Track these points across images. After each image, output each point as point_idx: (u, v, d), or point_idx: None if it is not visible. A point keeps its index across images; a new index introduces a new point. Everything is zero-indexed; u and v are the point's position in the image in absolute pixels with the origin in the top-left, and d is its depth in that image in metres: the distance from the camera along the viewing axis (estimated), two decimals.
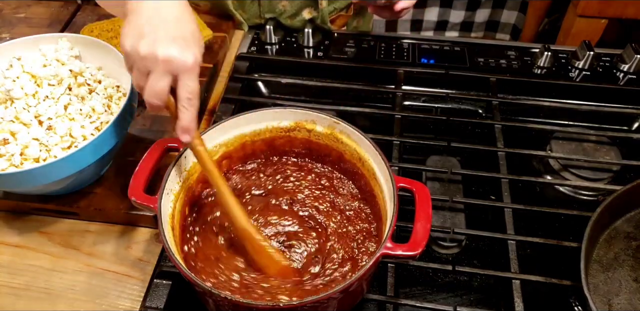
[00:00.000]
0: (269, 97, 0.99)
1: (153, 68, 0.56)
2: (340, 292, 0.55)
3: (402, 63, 0.98)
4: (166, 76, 0.56)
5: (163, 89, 0.57)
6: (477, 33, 2.16)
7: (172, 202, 0.65)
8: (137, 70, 0.57)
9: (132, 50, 0.56)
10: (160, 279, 0.70)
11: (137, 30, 0.56)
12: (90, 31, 0.98)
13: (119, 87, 0.78)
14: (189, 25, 0.59)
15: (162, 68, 0.56)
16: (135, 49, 0.56)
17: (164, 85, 0.57)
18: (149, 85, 0.57)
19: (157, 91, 0.57)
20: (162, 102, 0.58)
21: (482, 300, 0.72)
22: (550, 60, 0.97)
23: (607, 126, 0.92)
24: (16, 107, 0.72)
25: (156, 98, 0.57)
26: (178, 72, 0.56)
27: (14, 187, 0.71)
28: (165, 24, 0.57)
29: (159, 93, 0.57)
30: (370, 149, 0.67)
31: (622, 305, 0.69)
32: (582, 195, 0.84)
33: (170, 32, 0.56)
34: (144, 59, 0.56)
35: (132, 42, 0.56)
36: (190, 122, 0.60)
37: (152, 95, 0.57)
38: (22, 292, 0.70)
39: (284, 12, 1.02)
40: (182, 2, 0.59)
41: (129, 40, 0.56)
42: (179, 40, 0.56)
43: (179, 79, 0.57)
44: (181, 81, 0.57)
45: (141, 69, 0.57)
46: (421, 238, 0.58)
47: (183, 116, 0.59)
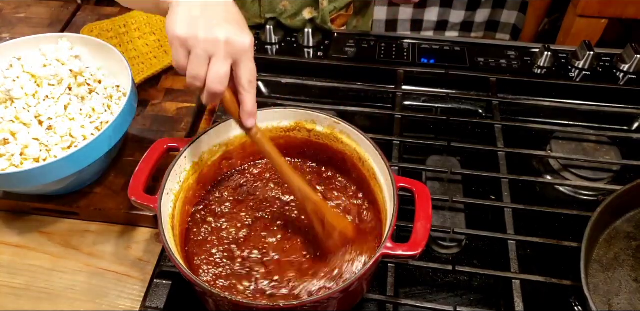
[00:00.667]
0: (269, 97, 0.99)
1: (215, 51, 0.55)
2: (340, 292, 0.55)
3: (402, 63, 0.98)
4: (228, 59, 0.55)
5: (227, 73, 0.56)
6: (477, 33, 2.16)
7: (172, 202, 0.65)
8: (196, 56, 0.55)
9: (189, 36, 0.54)
10: (160, 279, 0.70)
11: (191, 16, 0.55)
12: (90, 31, 0.98)
13: (119, 87, 0.78)
14: (236, 9, 0.59)
15: (224, 51, 0.55)
16: (194, 34, 0.54)
17: (227, 69, 0.56)
18: (213, 70, 0.55)
19: (221, 75, 0.55)
20: (224, 87, 0.56)
21: (482, 300, 0.72)
22: (550, 60, 0.97)
23: (607, 126, 0.92)
24: (16, 107, 0.72)
25: (220, 83, 0.56)
26: (239, 54, 0.56)
27: (14, 187, 0.71)
28: (217, 9, 0.56)
29: (223, 77, 0.56)
30: (370, 149, 0.67)
31: (622, 305, 0.69)
32: (582, 195, 0.84)
33: (224, 16, 0.56)
34: (204, 42, 0.54)
35: (187, 28, 0.54)
36: (255, 105, 0.60)
37: (217, 80, 0.56)
38: (22, 292, 0.70)
39: (285, 12, 1.02)
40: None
41: (183, 26, 0.55)
42: (234, 23, 0.56)
43: (240, 62, 0.57)
44: (242, 63, 0.57)
45: (201, 54, 0.55)
46: (421, 238, 0.58)
47: (247, 100, 0.59)
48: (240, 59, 0.57)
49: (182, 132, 0.86)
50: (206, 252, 0.66)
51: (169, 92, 0.92)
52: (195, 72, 0.56)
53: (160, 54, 0.95)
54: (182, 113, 0.88)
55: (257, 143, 0.63)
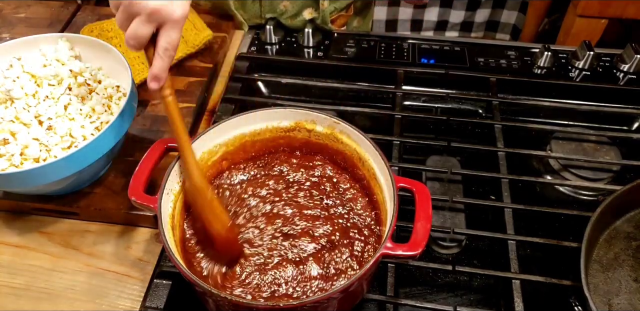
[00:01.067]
0: (269, 97, 0.99)
1: (138, 13, 0.58)
2: (340, 292, 0.55)
3: (402, 63, 0.98)
4: (150, 24, 0.58)
5: (144, 36, 0.59)
6: (477, 33, 2.16)
7: (172, 202, 0.65)
8: (123, 12, 0.59)
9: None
10: (160, 279, 0.70)
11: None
12: (90, 31, 0.98)
13: (119, 87, 0.78)
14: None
15: (148, 16, 0.58)
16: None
17: (146, 32, 0.59)
18: (131, 28, 0.59)
19: (138, 35, 0.59)
20: (140, 46, 0.60)
21: (482, 300, 0.72)
22: (550, 60, 0.97)
23: (607, 126, 0.92)
24: (16, 107, 0.72)
25: (135, 41, 0.60)
26: (164, 21, 0.59)
27: (14, 187, 0.71)
28: None
29: (140, 38, 0.59)
30: (370, 149, 0.67)
31: (622, 305, 0.69)
32: (582, 195, 0.84)
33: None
34: (133, 5, 0.57)
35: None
36: (162, 71, 0.61)
37: (132, 38, 0.59)
38: (22, 292, 0.70)
39: (285, 12, 1.02)
40: None
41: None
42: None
43: (163, 29, 0.59)
44: (164, 31, 0.60)
45: (127, 12, 0.58)
46: (421, 238, 0.58)
47: (156, 64, 0.61)
48: (164, 26, 0.59)
49: None
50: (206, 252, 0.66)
51: None
52: (120, 23, 0.60)
53: None
54: (182, 113, 0.88)
55: (164, 105, 0.64)
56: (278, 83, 0.97)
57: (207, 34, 0.97)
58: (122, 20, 0.60)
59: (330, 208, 0.71)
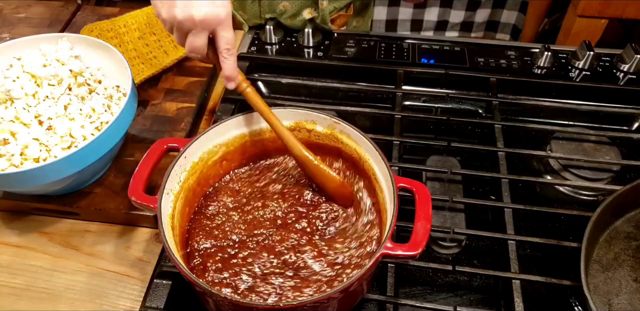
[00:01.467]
0: (269, 97, 0.99)
1: (191, 29, 0.62)
2: (340, 292, 0.55)
3: (402, 63, 0.98)
4: (203, 32, 0.63)
5: (201, 44, 0.64)
6: (477, 33, 2.16)
7: (172, 202, 0.65)
8: (177, 31, 0.64)
9: (169, 18, 0.62)
10: (160, 279, 0.69)
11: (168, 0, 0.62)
12: (90, 31, 0.98)
13: (119, 87, 0.78)
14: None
15: (200, 27, 0.62)
16: (172, 16, 0.62)
17: (202, 41, 0.64)
18: (189, 43, 0.64)
19: (197, 47, 0.64)
20: (202, 56, 0.66)
21: (482, 300, 0.72)
22: (550, 60, 0.97)
23: (607, 126, 0.92)
24: (16, 107, 0.72)
25: (196, 52, 0.65)
26: (215, 26, 0.63)
27: (14, 187, 0.71)
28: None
29: (199, 49, 0.65)
30: (370, 149, 0.67)
31: (622, 305, 0.69)
32: (582, 195, 0.84)
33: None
34: (182, 23, 0.62)
35: (166, 10, 0.62)
36: (233, 70, 0.67)
37: (192, 51, 0.65)
38: (22, 292, 0.70)
39: (285, 13, 1.02)
40: None
41: (163, 9, 0.62)
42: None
43: (216, 33, 0.64)
44: (218, 34, 0.64)
45: (180, 31, 0.63)
46: (421, 238, 0.58)
47: (225, 66, 0.66)
48: (217, 30, 0.63)
49: (182, 132, 0.86)
50: (206, 252, 0.66)
51: (169, 92, 0.92)
52: (179, 42, 0.65)
53: (160, 54, 0.95)
54: (182, 113, 0.88)
55: (247, 98, 0.69)
56: (278, 83, 0.97)
57: None
58: (179, 38, 0.65)
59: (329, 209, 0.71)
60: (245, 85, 0.68)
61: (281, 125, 0.69)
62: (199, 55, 0.66)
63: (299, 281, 0.63)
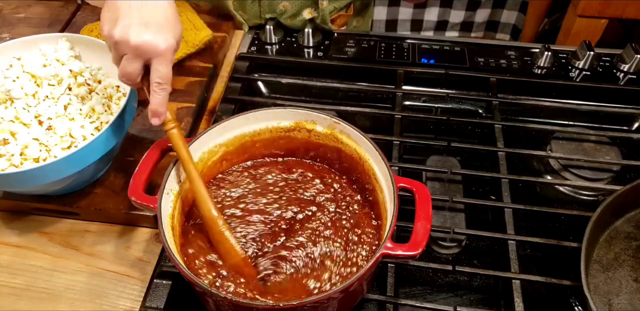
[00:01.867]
0: (269, 97, 0.99)
1: (124, 52, 0.59)
2: (340, 292, 0.55)
3: (402, 63, 0.98)
4: (137, 59, 0.60)
5: (134, 72, 0.60)
6: (477, 33, 2.16)
7: (172, 202, 0.65)
8: (114, 51, 0.61)
9: (108, 35, 0.60)
10: (160, 279, 0.69)
11: (113, 16, 0.59)
12: (90, 31, 0.98)
13: (119, 87, 0.78)
14: (164, 10, 0.60)
15: (133, 52, 0.59)
16: (111, 34, 0.59)
17: (134, 68, 0.60)
18: (121, 66, 0.61)
19: (128, 72, 0.61)
20: (132, 82, 0.62)
21: (482, 300, 0.72)
22: (550, 60, 0.97)
23: (607, 126, 0.92)
24: (16, 107, 0.72)
25: (127, 79, 0.62)
26: (150, 56, 0.59)
27: (14, 187, 0.71)
28: (140, 9, 0.59)
29: (130, 74, 0.61)
30: (370, 149, 0.67)
31: (622, 305, 0.69)
32: (582, 195, 0.84)
33: (144, 17, 0.58)
34: (117, 44, 0.59)
35: (108, 27, 0.59)
36: (159, 106, 0.62)
37: (123, 75, 0.61)
38: (22, 292, 0.70)
39: (285, 13, 1.02)
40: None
41: (106, 25, 0.60)
42: (152, 25, 0.59)
43: (151, 63, 0.60)
44: (152, 66, 0.60)
45: (116, 51, 0.60)
46: (421, 238, 0.58)
47: (153, 99, 0.62)
48: (152, 61, 0.60)
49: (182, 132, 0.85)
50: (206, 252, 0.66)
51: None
52: (116, 63, 0.62)
53: None
54: (182, 113, 0.88)
55: (170, 139, 0.65)
56: (278, 83, 0.97)
57: (207, 33, 0.97)
58: (115, 59, 0.62)
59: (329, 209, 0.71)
60: (171, 125, 0.64)
61: (198, 178, 0.64)
62: (129, 82, 0.62)
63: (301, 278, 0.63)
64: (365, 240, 0.67)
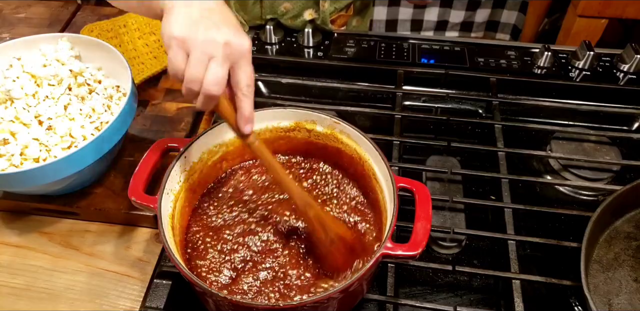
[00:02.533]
0: (269, 97, 0.99)
1: (214, 53, 0.54)
2: (340, 292, 0.55)
3: (402, 63, 0.98)
4: (227, 62, 0.55)
5: (225, 76, 0.55)
6: (477, 33, 2.16)
7: (172, 202, 0.65)
8: (196, 58, 0.54)
9: (188, 36, 0.53)
10: (160, 279, 0.70)
11: (189, 19, 0.54)
12: (90, 31, 0.98)
13: (119, 87, 0.78)
14: (231, 13, 0.59)
15: (223, 53, 0.54)
16: (194, 34, 0.53)
17: (225, 72, 0.55)
18: (211, 71, 0.54)
19: (220, 77, 0.54)
20: (222, 91, 0.55)
21: (482, 300, 0.72)
22: (550, 60, 0.97)
23: (607, 126, 0.92)
24: (16, 107, 0.72)
25: (218, 85, 0.54)
26: (238, 57, 0.55)
27: (14, 187, 0.71)
28: (214, 12, 0.56)
29: (221, 80, 0.54)
30: (370, 149, 0.67)
31: (622, 305, 0.69)
32: (582, 195, 0.84)
33: (222, 19, 0.56)
34: (204, 43, 0.53)
35: (187, 28, 0.54)
36: (252, 111, 0.58)
37: (214, 82, 0.54)
38: (22, 292, 0.70)
39: (286, 14, 1.02)
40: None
41: (182, 27, 0.54)
42: (231, 26, 0.56)
43: (238, 65, 0.56)
44: (240, 67, 0.56)
45: (200, 55, 0.53)
46: (421, 238, 0.58)
47: (245, 105, 0.57)
48: (239, 62, 0.56)
49: (182, 132, 0.86)
50: (206, 252, 0.66)
51: (169, 92, 0.92)
52: (194, 74, 0.54)
53: (160, 54, 0.95)
54: (182, 113, 0.88)
55: (255, 151, 0.62)
56: (278, 83, 0.97)
57: None
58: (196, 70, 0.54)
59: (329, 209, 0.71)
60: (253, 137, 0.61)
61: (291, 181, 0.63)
62: (219, 91, 0.54)
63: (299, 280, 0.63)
64: (365, 240, 0.67)
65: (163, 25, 0.56)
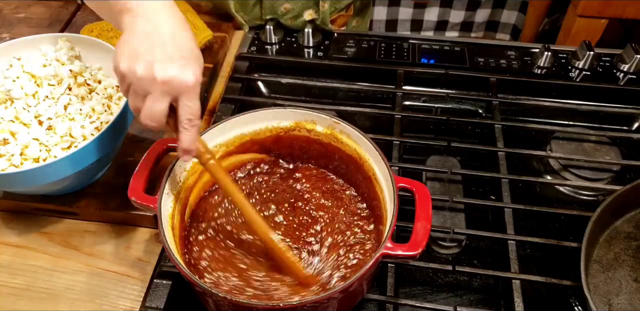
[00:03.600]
0: (269, 97, 0.99)
1: (151, 90, 0.54)
2: (340, 292, 0.55)
3: (402, 63, 0.98)
4: (165, 98, 0.54)
5: (161, 111, 0.55)
6: (477, 33, 2.16)
7: (172, 202, 0.65)
8: (134, 92, 0.55)
9: (128, 72, 0.54)
10: (160, 279, 0.70)
11: (133, 50, 0.54)
12: (90, 31, 0.98)
13: (118, 87, 0.78)
14: (187, 42, 0.56)
15: (160, 90, 0.53)
16: (132, 71, 0.53)
17: (162, 108, 0.55)
18: (146, 107, 0.55)
19: (154, 113, 0.55)
20: (159, 124, 0.56)
21: (482, 300, 0.72)
22: (550, 60, 0.97)
23: (607, 126, 0.92)
24: (16, 107, 0.72)
25: (153, 120, 0.55)
26: (178, 92, 0.54)
27: (14, 187, 0.71)
28: (163, 43, 0.54)
29: (157, 115, 0.55)
30: (370, 149, 0.67)
31: (622, 305, 0.69)
32: (582, 195, 0.84)
33: (168, 52, 0.54)
34: (140, 81, 0.53)
35: (128, 63, 0.54)
36: (191, 143, 0.58)
37: (148, 117, 0.55)
38: (22, 292, 0.70)
39: (286, 14, 1.02)
40: (179, 18, 0.56)
41: (125, 61, 0.54)
42: (178, 59, 0.54)
43: (179, 100, 0.55)
44: (181, 102, 0.55)
45: (138, 91, 0.54)
46: (421, 238, 0.58)
47: (184, 137, 0.57)
48: (180, 97, 0.55)
49: None
50: (206, 252, 0.66)
51: None
52: (134, 105, 0.56)
53: None
54: None
55: (209, 171, 0.62)
56: (278, 83, 0.97)
57: (207, 34, 0.97)
58: (134, 101, 0.55)
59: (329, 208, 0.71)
60: (207, 157, 0.60)
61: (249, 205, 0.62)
62: (155, 123, 0.55)
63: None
64: (365, 241, 0.67)
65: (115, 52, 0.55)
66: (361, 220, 0.70)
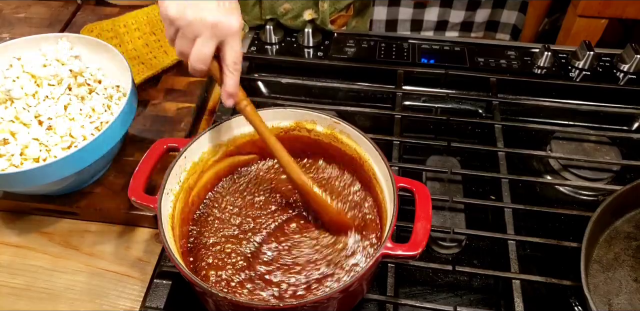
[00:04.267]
0: (269, 97, 0.99)
1: (200, 33, 0.58)
2: (340, 292, 0.55)
3: (402, 63, 0.98)
4: (213, 40, 0.58)
5: (209, 53, 0.59)
6: (477, 33, 2.16)
7: (172, 202, 0.65)
8: (183, 36, 0.59)
9: (178, 16, 0.57)
10: (160, 279, 0.70)
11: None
12: (90, 31, 0.98)
13: (119, 87, 0.78)
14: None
15: (209, 32, 0.58)
16: (183, 15, 0.57)
17: (210, 50, 0.59)
18: (196, 49, 0.59)
19: (204, 55, 0.59)
20: (206, 66, 0.60)
21: (482, 300, 0.72)
22: (550, 60, 0.97)
23: (607, 126, 0.92)
24: (16, 107, 0.72)
25: (202, 62, 0.60)
26: (225, 36, 0.59)
27: (14, 187, 0.71)
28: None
29: (206, 57, 0.59)
30: (370, 149, 0.67)
31: (622, 305, 0.69)
32: (582, 195, 0.84)
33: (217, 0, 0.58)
34: (191, 24, 0.57)
35: (177, 8, 0.57)
36: (235, 87, 0.62)
37: (198, 59, 0.59)
38: (22, 292, 0.70)
39: (285, 14, 1.02)
40: None
41: (174, 6, 0.58)
42: (223, 5, 0.58)
43: (225, 43, 0.59)
44: (227, 45, 0.60)
45: (188, 34, 0.58)
46: (421, 238, 0.58)
47: (228, 81, 0.62)
48: (226, 41, 0.59)
49: (182, 132, 0.86)
50: (206, 252, 0.66)
51: (169, 92, 0.92)
52: (181, 49, 0.60)
53: (160, 54, 0.95)
54: (182, 113, 0.88)
55: (246, 118, 0.66)
56: (278, 83, 0.97)
57: None
58: (183, 45, 0.59)
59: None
60: (245, 103, 0.65)
61: (281, 148, 0.65)
62: (204, 67, 0.60)
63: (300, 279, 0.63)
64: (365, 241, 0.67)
65: (160, 4, 0.59)
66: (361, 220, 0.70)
